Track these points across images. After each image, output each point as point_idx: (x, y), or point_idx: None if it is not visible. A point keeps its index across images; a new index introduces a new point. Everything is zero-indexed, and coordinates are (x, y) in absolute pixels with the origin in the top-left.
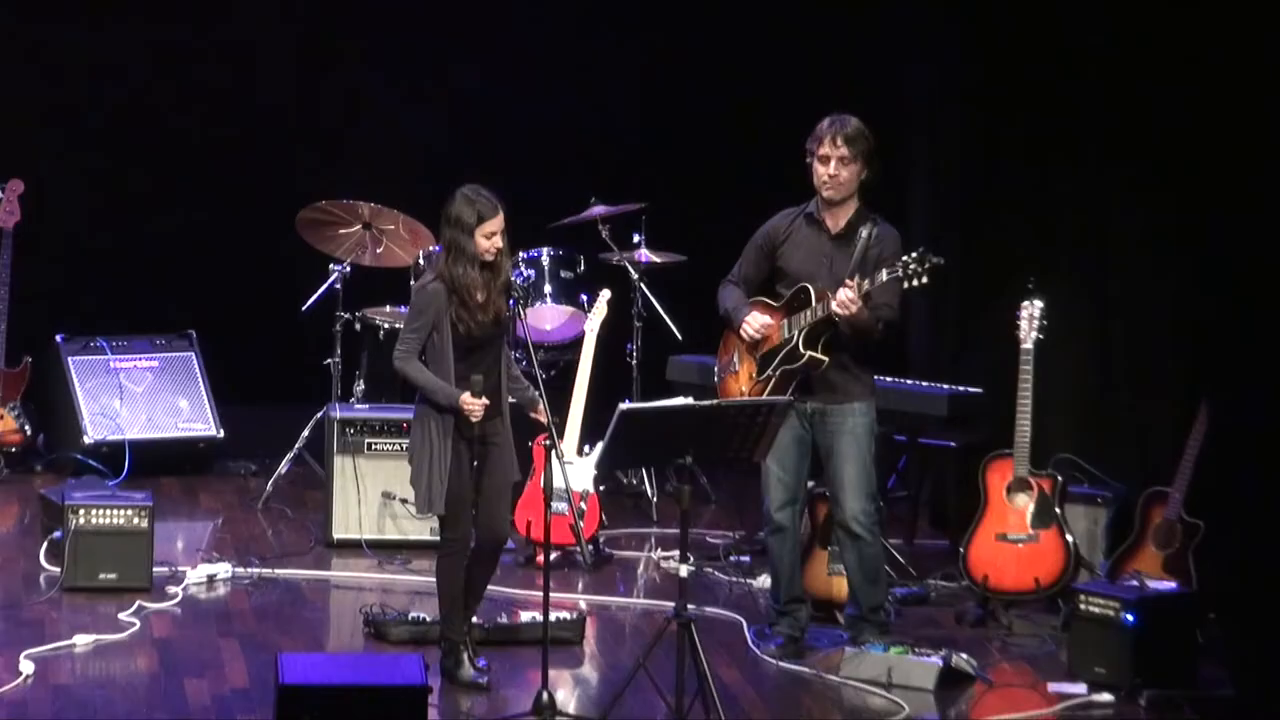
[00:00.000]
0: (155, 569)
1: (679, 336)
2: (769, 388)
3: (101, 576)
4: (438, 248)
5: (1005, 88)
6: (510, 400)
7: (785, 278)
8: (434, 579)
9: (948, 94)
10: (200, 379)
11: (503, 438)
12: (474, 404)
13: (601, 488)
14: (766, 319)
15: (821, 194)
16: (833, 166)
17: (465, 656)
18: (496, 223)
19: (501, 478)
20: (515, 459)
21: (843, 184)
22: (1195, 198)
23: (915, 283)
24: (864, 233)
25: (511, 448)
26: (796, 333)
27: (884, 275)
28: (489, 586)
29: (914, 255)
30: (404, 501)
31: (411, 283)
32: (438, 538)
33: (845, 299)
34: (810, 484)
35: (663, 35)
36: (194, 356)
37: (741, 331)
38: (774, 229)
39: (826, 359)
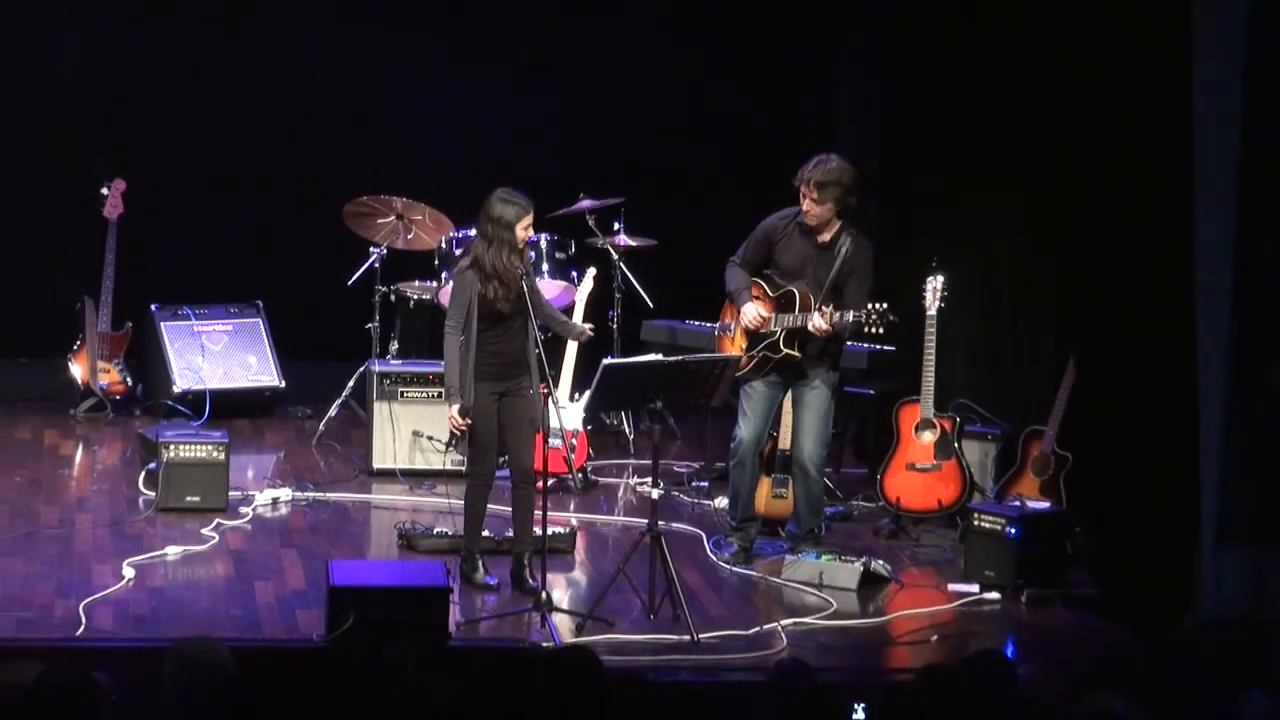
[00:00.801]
0: (230, 493)
1: (650, 305)
2: (753, 362)
3: (187, 499)
4: (459, 233)
5: (913, 119)
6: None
7: (776, 267)
8: (454, 501)
9: (869, 120)
10: (266, 339)
11: (527, 389)
12: (456, 421)
13: (589, 427)
14: (762, 312)
15: (808, 220)
16: (808, 204)
17: (480, 564)
18: (530, 218)
19: (526, 422)
20: (540, 407)
21: (816, 217)
22: (1063, 197)
23: (871, 330)
24: (843, 248)
25: (537, 399)
26: (780, 330)
27: (850, 317)
28: (496, 504)
29: (878, 311)
30: (430, 438)
31: (435, 263)
32: (460, 468)
33: (818, 326)
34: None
35: (640, 57)
36: (261, 321)
37: (741, 317)
38: (773, 227)
39: (800, 355)
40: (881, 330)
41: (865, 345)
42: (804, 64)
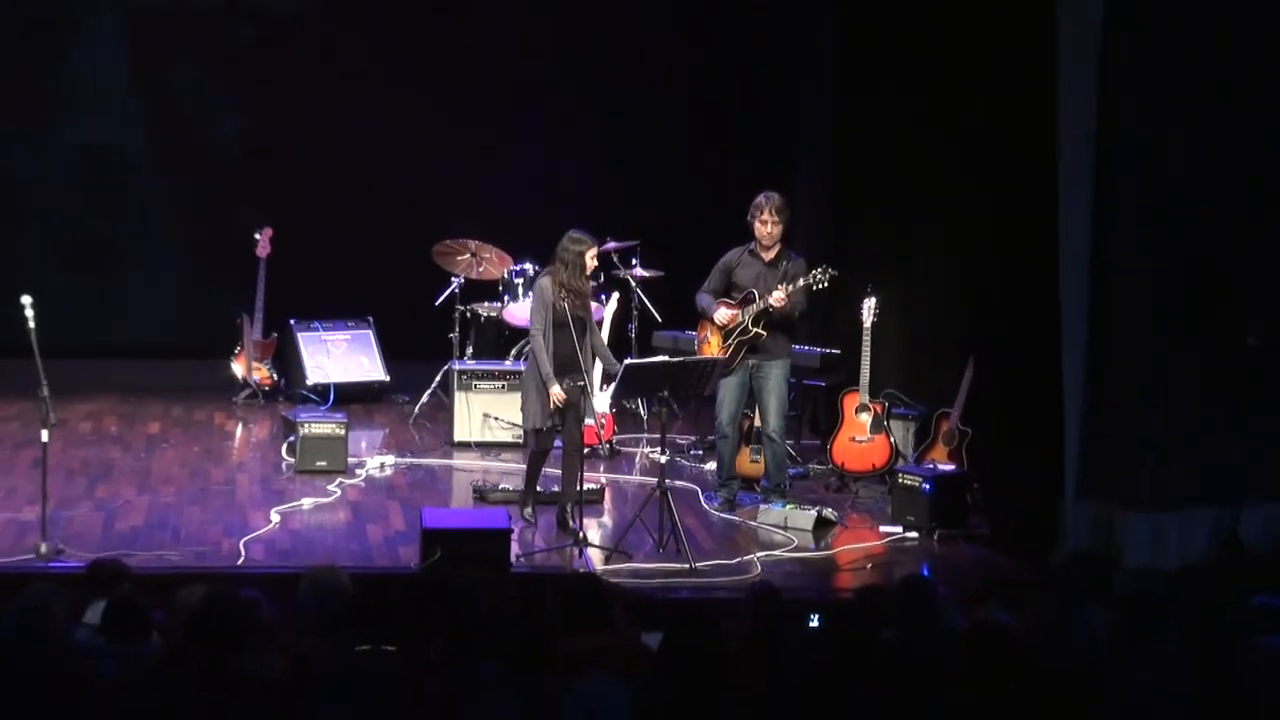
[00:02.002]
0: (349, 459)
1: (659, 320)
2: (730, 350)
3: (317, 464)
4: (517, 266)
5: (856, 168)
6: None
7: (735, 288)
8: (514, 466)
9: (822, 174)
10: (375, 345)
11: (580, 382)
12: (558, 395)
13: (614, 410)
14: (731, 311)
15: (761, 242)
16: (769, 229)
17: (531, 503)
18: (595, 250)
19: (580, 408)
20: (589, 401)
21: (773, 238)
22: (963, 231)
23: (818, 287)
24: (784, 263)
25: (589, 390)
26: (748, 318)
27: (800, 283)
28: (548, 467)
29: (819, 271)
30: (496, 419)
31: (499, 288)
32: (519, 440)
33: (777, 298)
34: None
35: (650, 129)
36: (371, 332)
37: (717, 319)
38: (730, 260)
39: (764, 333)
40: (826, 284)
41: (819, 349)
42: (769, 127)
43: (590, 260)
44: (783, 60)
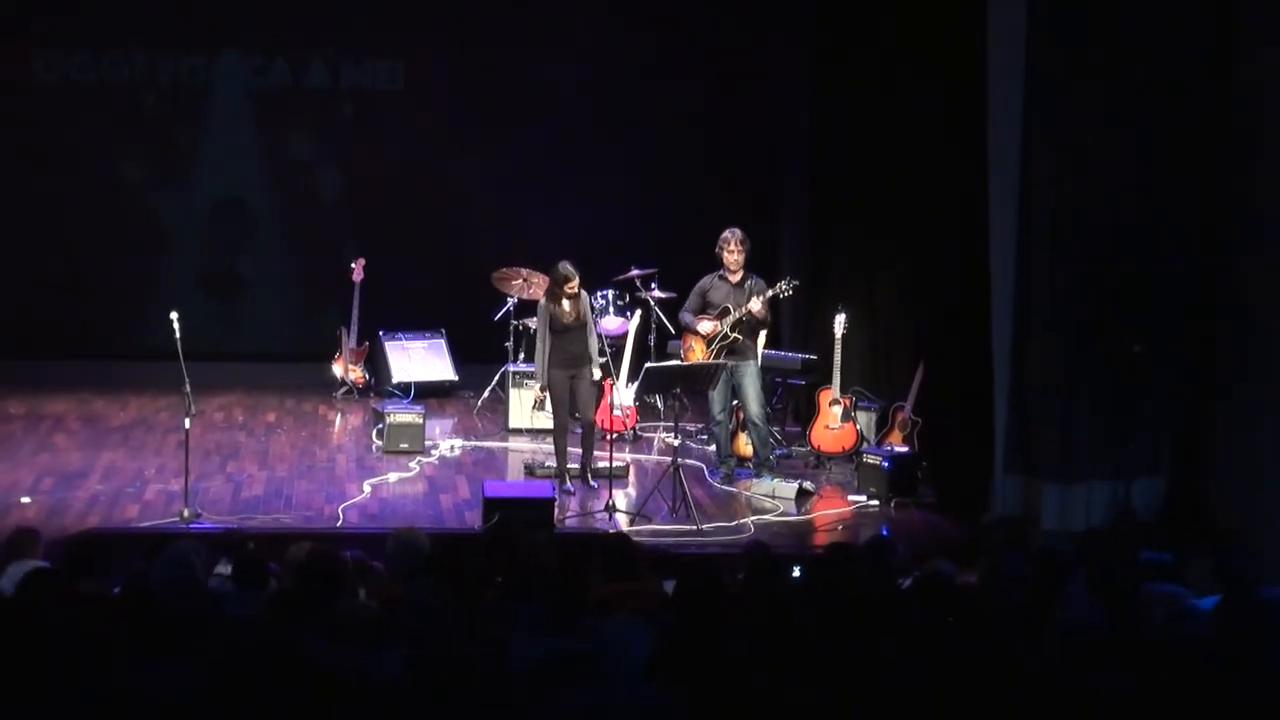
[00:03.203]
0: (425, 442)
1: (673, 332)
2: (713, 355)
3: (401, 446)
4: (602, 292)
5: (830, 206)
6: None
7: (710, 305)
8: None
9: (799, 206)
10: (447, 352)
11: (586, 372)
12: (537, 394)
13: (637, 402)
14: (712, 324)
15: (729, 268)
16: (735, 256)
17: (567, 477)
18: (574, 280)
19: (586, 391)
20: (594, 386)
21: (739, 264)
22: (913, 254)
23: (784, 295)
24: (748, 283)
25: (591, 377)
26: (726, 327)
27: (769, 293)
28: (590, 451)
29: (784, 283)
30: (544, 408)
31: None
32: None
33: (756, 307)
34: (734, 402)
35: (666, 173)
36: (444, 341)
37: (701, 330)
38: (704, 285)
39: (740, 337)
40: (790, 293)
41: (799, 355)
42: (758, 172)
43: (568, 289)
44: (767, 115)
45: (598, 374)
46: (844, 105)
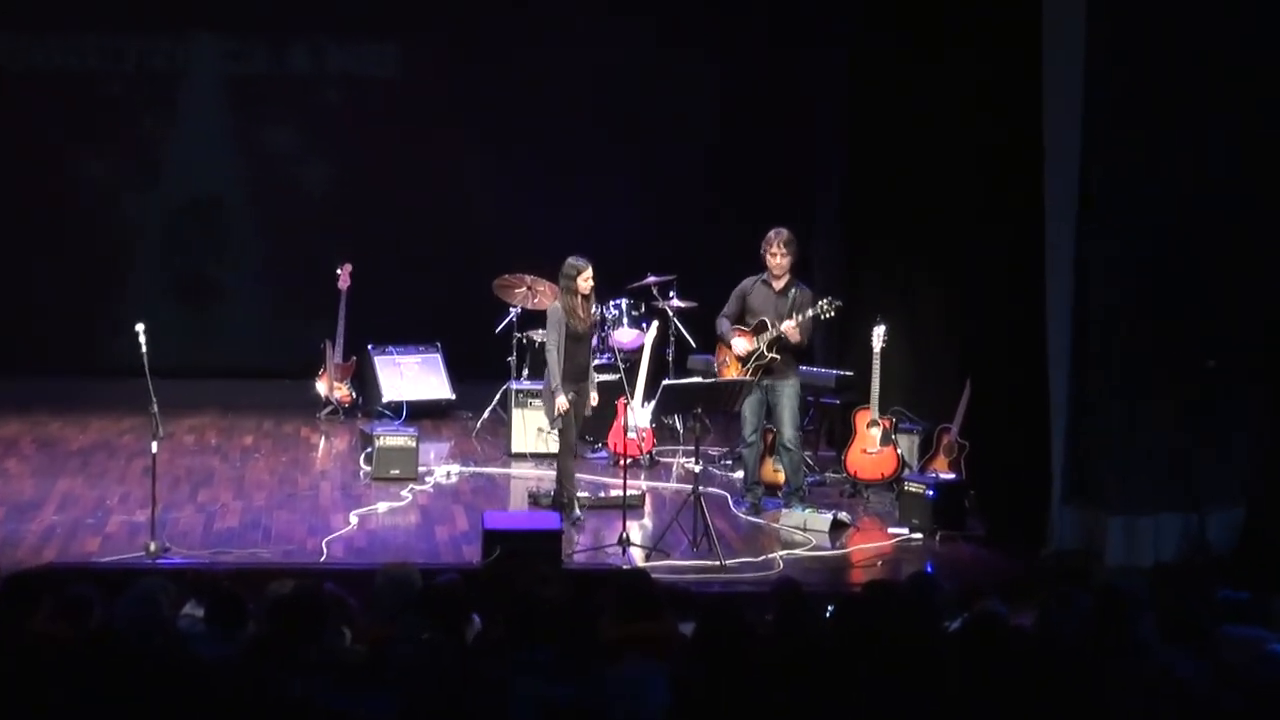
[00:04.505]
0: (419, 468)
1: (694, 345)
2: (749, 373)
3: (391, 472)
4: (615, 301)
5: (866, 214)
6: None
7: (750, 312)
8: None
9: (833, 213)
10: (442, 367)
11: (585, 390)
12: (562, 405)
13: (654, 424)
14: (745, 343)
15: (772, 272)
16: (778, 260)
17: (575, 502)
18: (588, 271)
19: (580, 412)
20: (593, 399)
21: (783, 269)
22: (960, 265)
23: (825, 317)
24: (793, 291)
25: (590, 394)
26: (763, 345)
27: (809, 313)
28: (594, 476)
29: (825, 302)
30: (549, 432)
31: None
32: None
33: (789, 329)
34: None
35: (686, 177)
36: (439, 356)
37: (735, 349)
38: (745, 287)
39: (778, 356)
40: (832, 314)
41: (834, 371)
42: (790, 175)
43: (583, 283)
44: (800, 113)
45: (595, 396)
46: (884, 105)
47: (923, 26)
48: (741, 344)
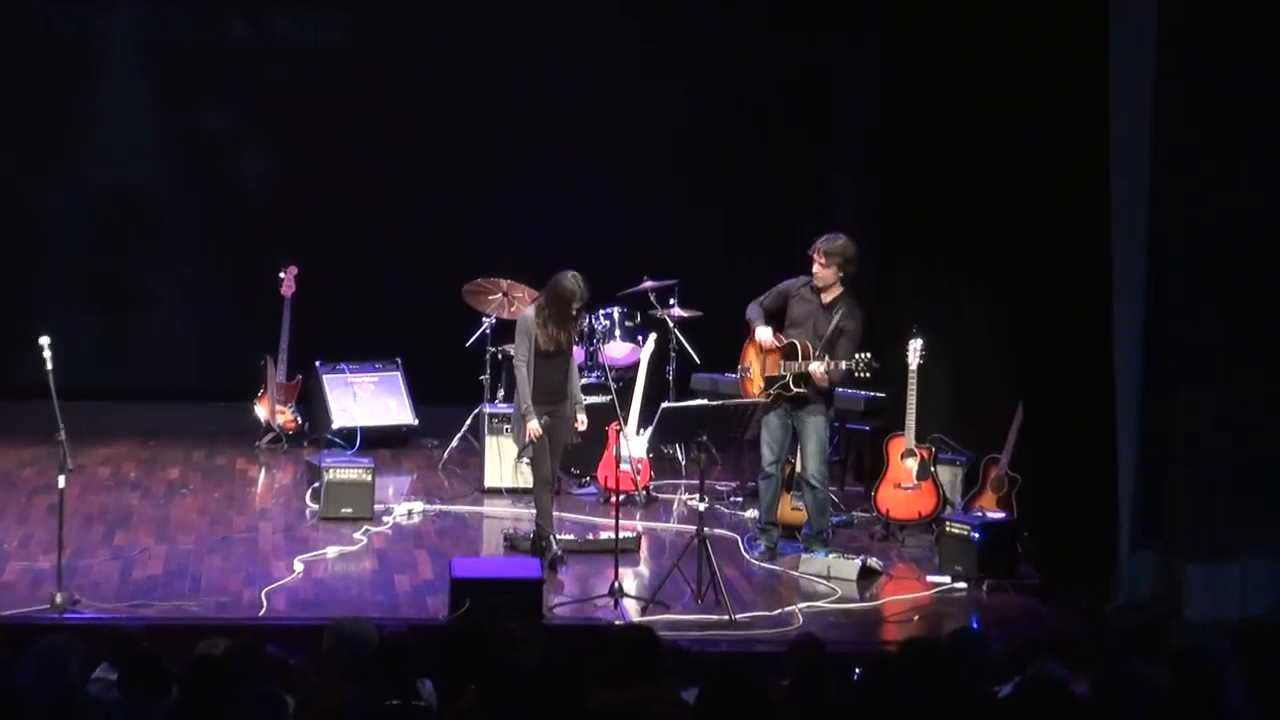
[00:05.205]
0: (375, 506)
1: (698, 361)
2: (771, 399)
3: (343, 511)
4: (606, 310)
5: (896, 210)
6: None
7: (787, 317)
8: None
9: (863, 210)
10: (403, 387)
11: (562, 414)
12: (535, 431)
13: (651, 455)
14: (772, 340)
15: (816, 282)
16: (817, 269)
17: (552, 540)
18: (580, 303)
19: (557, 438)
20: (572, 428)
21: (823, 279)
22: (1012, 270)
23: (859, 375)
24: (839, 310)
25: (569, 420)
26: (789, 375)
27: (843, 365)
28: (580, 515)
29: (864, 360)
30: (527, 462)
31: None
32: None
33: (818, 373)
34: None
35: (688, 166)
36: (399, 374)
37: (757, 336)
38: (789, 286)
39: (806, 391)
40: (868, 375)
41: (863, 392)
42: (806, 158)
43: (574, 311)
44: (820, 95)
45: (583, 420)
46: (919, 89)
47: (968, 9)
48: (768, 335)
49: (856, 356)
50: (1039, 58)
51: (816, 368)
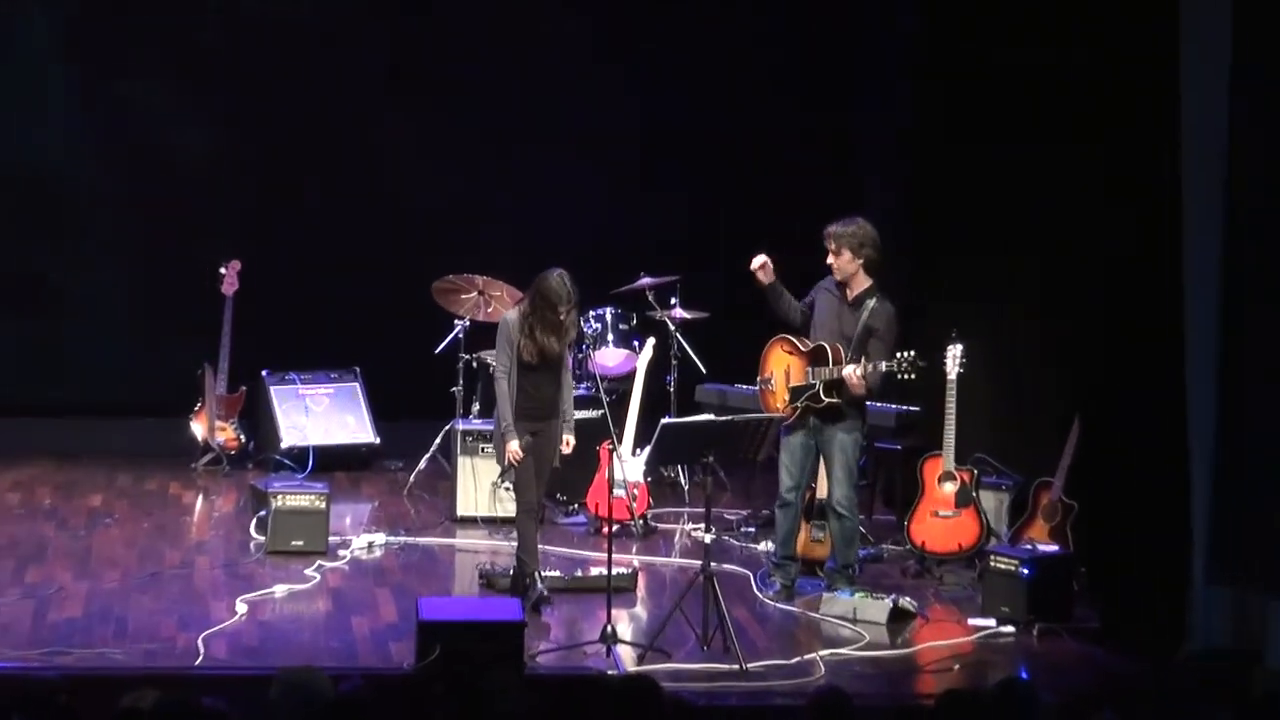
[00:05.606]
0: (330, 538)
1: (703, 370)
2: (796, 413)
3: (293, 543)
4: (596, 311)
5: (935, 193)
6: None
7: (816, 321)
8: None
9: (892, 194)
10: (363, 401)
11: (551, 433)
12: (515, 453)
13: (649, 478)
14: (769, 270)
15: (835, 277)
16: (830, 258)
17: (538, 578)
18: (570, 306)
19: (546, 462)
20: (558, 450)
21: (839, 269)
22: (1067, 267)
23: (902, 377)
24: (866, 309)
25: (555, 441)
26: (819, 383)
27: (882, 366)
28: (568, 548)
29: (907, 359)
30: (506, 488)
31: None
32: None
33: (853, 378)
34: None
35: (690, 144)
36: (359, 385)
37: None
38: (819, 286)
39: (839, 400)
40: (913, 376)
41: (894, 406)
42: (832, 139)
43: (562, 317)
44: (843, 61)
45: (570, 441)
46: (959, 63)
47: None
48: (785, 300)
49: (898, 355)
50: (1105, 50)
51: (851, 372)
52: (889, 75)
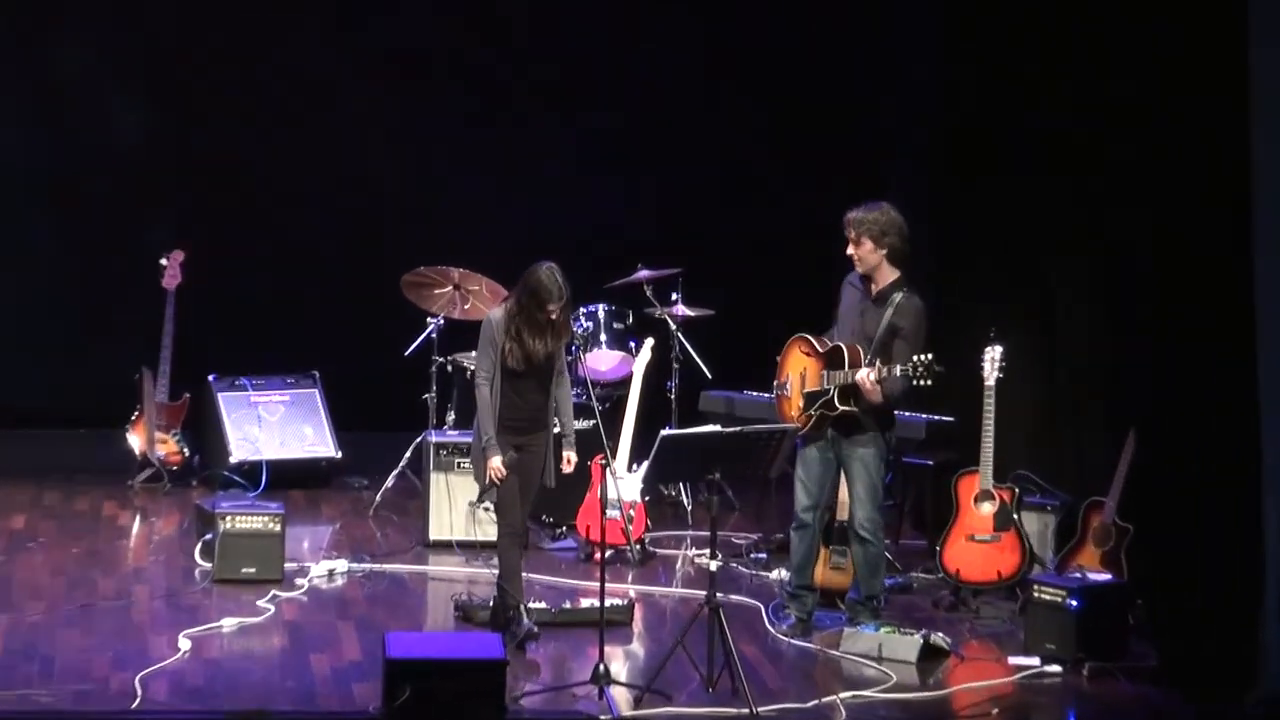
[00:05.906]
0: (286, 564)
1: (709, 375)
2: (810, 423)
3: (243, 570)
4: (588, 309)
5: (968, 187)
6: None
7: (838, 321)
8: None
9: (919, 188)
10: (322, 409)
11: (538, 447)
12: (497, 470)
13: (647, 498)
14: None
15: (856, 269)
16: (850, 248)
17: (523, 611)
18: (561, 304)
19: (528, 480)
20: (550, 466)
21: (860, 260)
22: (1120, 262)
23: (918, 382)
24: (892, 304)
25: (545, 456)
26: (833, 388)
27: (897, 370)
28: (555, 577)
29: (923, 363)
30: (487, 509)
31: None
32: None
33: (866, 381)
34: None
35: (697, 130)
36: (318, 392)
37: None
38: (845, 281)
39: (856, 409)
40: (929, 382)
41: (924, 416)
42: (855, 128)
43: (547, 311)
44: (871, 30)
45: (571, 458)
46: (999, 30)
47: None
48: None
49: (914, 359)
50: (1171, 35)
51: (864, 376)
52: (924, 47)
